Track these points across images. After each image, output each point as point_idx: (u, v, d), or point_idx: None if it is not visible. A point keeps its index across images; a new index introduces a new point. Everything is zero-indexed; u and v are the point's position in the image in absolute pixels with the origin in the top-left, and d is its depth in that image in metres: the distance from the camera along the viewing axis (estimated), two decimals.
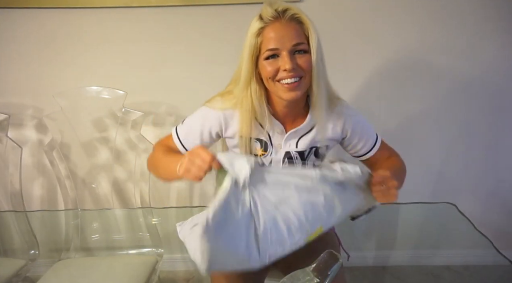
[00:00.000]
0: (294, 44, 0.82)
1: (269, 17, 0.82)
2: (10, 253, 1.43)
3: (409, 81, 1.53)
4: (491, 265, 1.12)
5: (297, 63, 0.83)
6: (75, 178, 1.55)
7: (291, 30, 0.82)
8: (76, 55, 1.49)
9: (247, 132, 0.92)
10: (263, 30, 0.83)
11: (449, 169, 1.66)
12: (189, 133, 0.98)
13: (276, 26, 0.82)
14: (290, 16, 0.82)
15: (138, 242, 1.44)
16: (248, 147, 0.95)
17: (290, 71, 0.82)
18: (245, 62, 0.86)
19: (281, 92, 0.86)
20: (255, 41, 0.83)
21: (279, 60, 0.83)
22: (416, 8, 1.43)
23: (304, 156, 0.98)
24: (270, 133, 0.96)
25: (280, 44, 0.82)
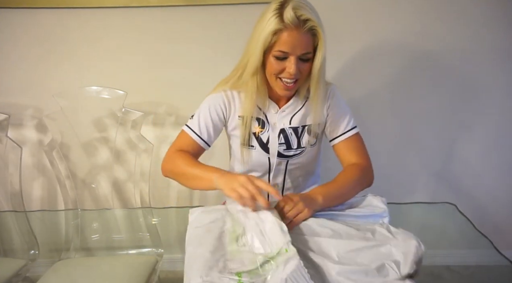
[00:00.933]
0: (304, 53, 0.90)
1: (290, 23, 0.86)
2: (10, 253, 1.43)
3: (409, 81, 1.53)
4: (491, 265, 1.12)
5: (299, 68, 0.92)
6: (75, 178, 1.55)
7: (305, 41, 0.89)
8: (76, 55, 1.49)
9: (250, 112, 1.01)
10: (281, 32, 0.88)
11: (449, 169, 1.66)
12: (202, 123, 1.04)
13: (294, 34, 0.87)
14: (309, 28, 0.88)
15: (138, 242, 1.43)
16: (248, 125, 1.03)
17: (292, 75, 0.92)
18: (256, 53, 0.92)
19: (278, 88, 0.98)
20: (270, 39, 0.89)
21: (286, 62, 0.92)
22: (417, 7, 1.43)
23: (298, 133, 1.07)
24: (267, 113, 1.06)
25: (292, 50, 0.89)
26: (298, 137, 1.07)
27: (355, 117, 1.09)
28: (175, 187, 1.69)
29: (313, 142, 1.08)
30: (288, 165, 1.11)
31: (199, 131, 1.04)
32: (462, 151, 1.63)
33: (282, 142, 1.06)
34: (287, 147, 1.07)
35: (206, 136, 1.04)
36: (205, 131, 1.04)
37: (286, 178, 1.13)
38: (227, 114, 1.07)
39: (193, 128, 1.04)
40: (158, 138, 1.58)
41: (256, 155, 1.08)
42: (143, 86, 1.52)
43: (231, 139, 1.14)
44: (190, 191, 1.69)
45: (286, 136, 1.06)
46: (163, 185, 1.67)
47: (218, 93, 1.05)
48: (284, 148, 1.07)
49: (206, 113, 1.04)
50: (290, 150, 1.07)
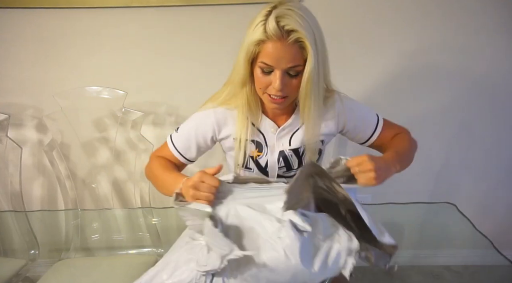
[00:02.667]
0: (289, 67, 0.82)
1: (272, 34, 0.78)
2: (10, 253, 1.43)
3: (408, 81, 1.53)
4: (491, 265, 1.12)
5: (286, 84, 0.84)
6: (75, 178, 1.55)
7: (291, 54, 0.80)
8: (76, 55, 1.49)
9: (245, 133, 0.94)
10: (264, 43, 0.80)
11: (449, 169, 1.66)
12: (186, 143, 0.99)
13: (278, 46, 0.79)
14: (294, 40, 0.78)
15: (138, 242, 1.44)
16: (243, 149, 0.96)
17: (277, 91, 0.84)
18: (242, 64, 0.86)
19: (267, 102, 0.90)
20: (254, 49, 0.82)
21: (272, 76, 0.84)
22: (416, 7, 1.43)
23: (299, 153, 0.99)
24: (264, 133, 0.98)
25: (276, 64, 0.81)
26: (300, 157, 0.99)
27: None
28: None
29: (315, 158, 1.00)
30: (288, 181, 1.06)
31: (182, 150, 0.99)
32: (462, 151, 1.63)
33: (282, 165, 0.99)
34: (287, 169, 1.00)
35: (188, 155, 1.00)
36: (188, 151, 1.00)
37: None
38: (217, 135, 0.99)
39: (176, 145, 0.99)
40: (158, 138, 1.58)
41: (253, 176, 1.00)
42: (143, 86, 1.52)
43: (226, 155, 1.07)
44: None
45: (285, 158, 0.98)
46: None
47: (207, 112, 0.97)
48: (284, 170, 1.00)
49: (191, 133, 0.98)
50: (291, 171, 1.01)
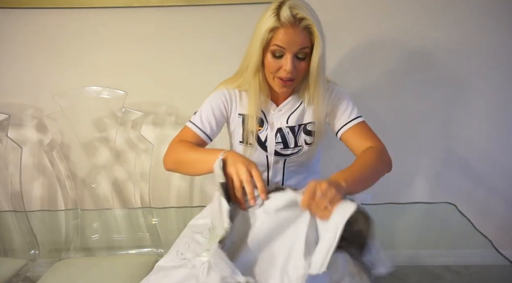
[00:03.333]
0: (300, 49, 0.92)
1: (286, 21, 0.89)
2: (10, 253, 1.43)
3: (408, 81, 1.53)
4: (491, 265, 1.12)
5: (295, 67, 0.94)
6: (75, 178, 1.55)
7: (301, 38, 0.91)
8: (76, 55, 1.49)
9: (254, 112, 1.03)
10: (277, 29, 0.90)
11: (449, 169, 1.66)
12: (204, 118, 1.06)
13: (290, 31, 0.90)
14: (304, 26, 0.90)
15: (138, 242, 1.44)
16: (249, 124, 1.05)
17: (289, 73, 0.94)
18: (255, 51, 0.95)
19: (276, 86, 1.00)
20: (267, 36, 0.91)
21: (283, 60, 0.93)
22: (416, 6, 1.43)
23: (295, 131, 1.08)
24: (266, 112, 1.08)
25: (288, 46, 0.91)
26: (295, 136, 1.08)
27: None
28: (175, 187, 1.69)
29: (310, 141, 1.09)
30: (286, 163, 1.11)
31: (201, 125, 1.05)
32: (462, 151, 1.63)
33: (279, 141, 1.07)
34: (284, 145, 1.08)
35: (208, 130, 1.05)
36: (207, 125, 1.05)
37: (284, 176, 1.13)
38: (229, 110, 1.08)
39: (195, 123, 1.06)
40: (158, 138, 1.58)
41: (255, 153, 1.09)
42: (143, 86, 1.52)
43: (232, 138, 1.14)
44: (190, 191, 1.69)
45: (283, 135, 1.07)
46: (163, 185, 1.67)
47: (220, 91, 1.08)
48: (281, 147, 1.08)
49: (208, 108, 1.06)
50: (287, 149, 1.08)
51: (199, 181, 1.68)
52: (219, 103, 1.07)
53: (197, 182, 1.68)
